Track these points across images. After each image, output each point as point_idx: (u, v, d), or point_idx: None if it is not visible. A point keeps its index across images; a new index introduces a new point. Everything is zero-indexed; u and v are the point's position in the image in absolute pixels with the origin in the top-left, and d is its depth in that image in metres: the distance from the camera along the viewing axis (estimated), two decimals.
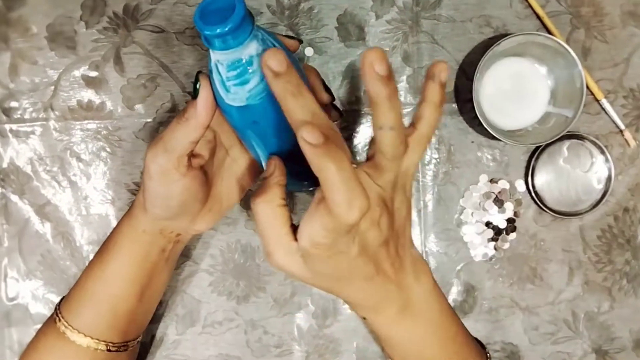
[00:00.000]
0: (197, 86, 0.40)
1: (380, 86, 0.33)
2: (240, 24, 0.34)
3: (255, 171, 0.50)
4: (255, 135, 0.40)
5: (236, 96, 0.38)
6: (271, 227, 0.37)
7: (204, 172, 0.46)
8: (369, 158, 0.38)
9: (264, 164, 0.43)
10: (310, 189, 0.46)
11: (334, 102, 0.46)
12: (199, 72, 0.40)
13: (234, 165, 0.49)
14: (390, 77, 0.33)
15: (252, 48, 0.36)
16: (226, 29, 0.34)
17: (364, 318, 0.42)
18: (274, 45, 0.38)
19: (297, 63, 0.41)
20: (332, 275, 0.38)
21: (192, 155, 0.43)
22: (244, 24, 0.35)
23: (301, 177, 0.41)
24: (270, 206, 0.37)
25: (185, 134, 0.41)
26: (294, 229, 0.37)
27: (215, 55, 0.37)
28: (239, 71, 0.37)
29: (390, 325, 0.42)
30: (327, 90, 0.46)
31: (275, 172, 0.39)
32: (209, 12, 0.35)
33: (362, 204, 0.32)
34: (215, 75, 0.38)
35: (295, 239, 0.37)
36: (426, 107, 0.38)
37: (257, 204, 0.37)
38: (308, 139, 0.31)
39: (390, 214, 0.38)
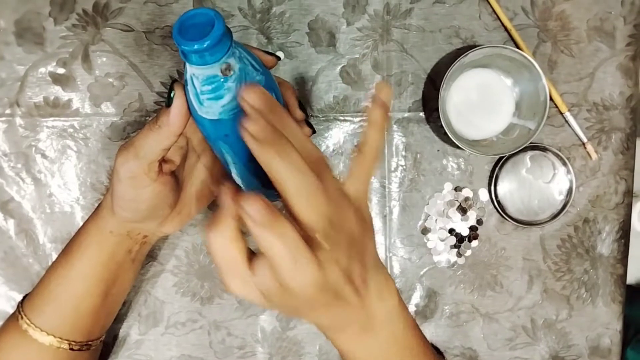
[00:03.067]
0: (172, 95, 0.42)
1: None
2: (219, 41, 0.37)
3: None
4: (227, 146, 0.44)
5: (209, 109, 0.40)
6: (225, 259, 0.39)
7: (175, 177, 0.49)
8: None
9: (233, 173, 0.47)
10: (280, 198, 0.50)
11: (307, 119, 0.50)
12: (174, 81, 0.43)
13: (205, 170, 0.52)
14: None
15: (228, 65, 0.39)
16: (204, 45, 0.36)
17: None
18: (251, 63, 0.41)
19: (273, 80, 0.44)
20: (290, 307, 0.40)
21: (163, 160, 0.46)
22: (222, 41, 0.37)
23: (271, 186, 0.45)
24: (221, 238, 0.38)
25: (157, 141, 0.44)
26: (252, 253, 0.39)
27: (191, 69, 0.39)
28: (213, 86, 0.39)
29: (351, 342, 0.44)
30: (301, 107, 0.50)
31: (227, 203, 0.38)
32: (187, 26, 0.37)
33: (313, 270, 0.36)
34: (190, 88, 0.40)
35: (252, 267, 0.38)
36: (369, 129, 0.41)
37: (209, 236, 0.38)
38: None
39: (348, 241, 0.39)
